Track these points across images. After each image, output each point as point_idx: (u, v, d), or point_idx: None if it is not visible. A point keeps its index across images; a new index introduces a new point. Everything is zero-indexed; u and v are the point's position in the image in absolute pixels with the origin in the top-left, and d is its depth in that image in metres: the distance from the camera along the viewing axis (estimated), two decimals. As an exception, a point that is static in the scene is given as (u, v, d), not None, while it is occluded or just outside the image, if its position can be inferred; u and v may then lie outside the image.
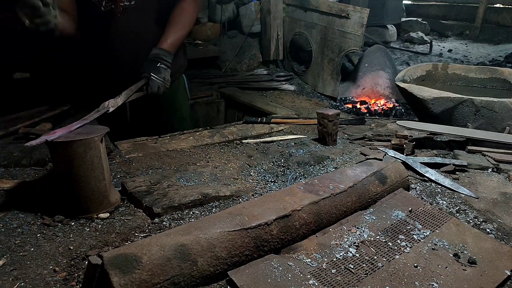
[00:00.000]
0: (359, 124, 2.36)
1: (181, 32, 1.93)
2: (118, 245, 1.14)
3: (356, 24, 3.37)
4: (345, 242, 1.13)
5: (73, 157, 1.20)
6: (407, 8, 7.57)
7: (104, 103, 1.52)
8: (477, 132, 1.93)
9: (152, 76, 1.76)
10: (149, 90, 1.75)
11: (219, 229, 1.00)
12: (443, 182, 1.54)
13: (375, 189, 1.33)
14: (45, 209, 1.29)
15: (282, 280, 0.96)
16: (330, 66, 3.69)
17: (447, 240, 1.17)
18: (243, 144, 2.00)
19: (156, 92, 1.78)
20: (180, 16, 1.91)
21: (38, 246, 1.13)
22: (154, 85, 1.76)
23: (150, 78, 1.76)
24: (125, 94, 1.64)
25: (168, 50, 1.87)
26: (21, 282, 0.99)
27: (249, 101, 3.29)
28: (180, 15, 1.91)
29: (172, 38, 1.88)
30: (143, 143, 1.98)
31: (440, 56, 5.24)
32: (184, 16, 1.93)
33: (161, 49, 1.84)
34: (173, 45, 1.89)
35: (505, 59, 5.06)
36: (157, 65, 1.78)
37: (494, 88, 2.67)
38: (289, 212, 1.10)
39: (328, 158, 1.75)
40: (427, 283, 1.00)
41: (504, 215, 1.34)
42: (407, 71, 2.66)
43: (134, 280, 0.85)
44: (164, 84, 1.81)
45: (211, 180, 1.53)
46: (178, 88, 2.24)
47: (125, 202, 1.39)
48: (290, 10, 4.15)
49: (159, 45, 1.87)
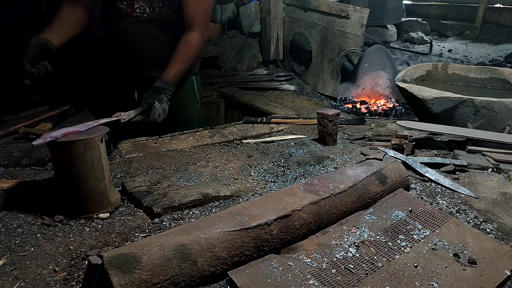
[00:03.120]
0: (359, 124, 2.36)
1: (184, 66, 2.10)
2: (118, 245, 1.14)
3: (356, 24, 3.37)
4: (345, 242, 1.13)
5: (73, 157, 1.20)
6: (407, 8, 7.57)
7: (117, 113, 1.67)
8: (477, 132, 1.93)
9: (155, 104, 1.90)
10: (151, 115, 1.90)
11: (219, 229, 1.00)
12: (443, 182, 1.54)
13: (375, 189, 1.33)
14: (45, 209, 1.29)
15: (282, 280, 0.96)
16: (330, 66, 3.69)
17: (447, 240, 1.17)
18: (243, 144, 2.00)
19: (156, 119, 1.92)
20: (184, 51, 2.07)
21: (38, 246, 1.13)
22: (156, 112, 1.90)
23: (153, 106, 1.90)
24: (134, 112, 1.79)
25: (171, 84, 2.03)
26: (21, 282, 0.99)
27: (249, 101, 3.29)
28: (184, 49, 2.07)
29: (174, 72, 2.04)
30: (143, 143, 1.98)
31: (440, 56, 5.24)
32: (188, 51, 2.09)
33: (164, 82, 2.00)
34: (175, 79, 2.05)
35: (505, 59, 5.06)
36: (160, 96, 1.94)
37: (494, 88, 2.67)
38: (289, 212, 1.10)
39: (328, 158, 1.75)
40: (427, 283, 1.00)
41: (504, 215, 1.34)
42: (407, 71, 2.66)
43: (134, 280, 0.85)
44: (163, 114, 1.95)
45: (211, 180, 1.53)
46: (185, 89, 2.28)
47: (125, 202, 1.39)
48: (290, 10, 4.15)
49: (163, 77, 2.02)
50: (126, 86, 2.24)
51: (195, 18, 2.06)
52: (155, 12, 2.06)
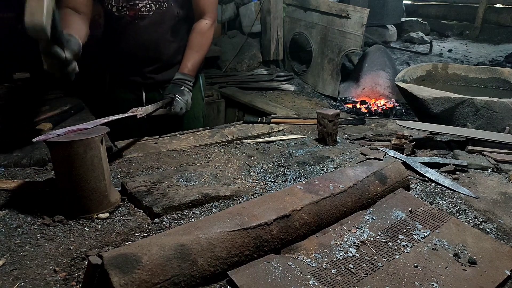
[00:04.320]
0: (359, 124, 2.36)
1: (200, 56, 2.08)
2: (118, 245, 1.14)
3: (356, 24, 3.37)
4: (345, 242, 1.13)
5: (73, 157, 1.20)
6: (407, 8, 7.57)
7: (133, 108, 1.65)
8: (477, 132, 1.93)
9: (177, 97, 1.89)
10: (173, 109, 1.89)
11: (219, 229, 1.00)
12: (443, 182, 1.54)
13: (375, 189, 1.33)
14: (45, 209, 1.29)
15: (282, 280, 0.96)
16: (330, 66, 3.69)
17: (447, 240, 1.17)
18: (243, 144, 2.00)
19: (178, 112, 1.91)
20: (200, 39, 2.05)
21: (38, 246, 1.13)
22: (178, 106, 1.90)
23: (174, 99, 1.89)
24: (152, 106, 1.76)
25: (190, 75, 2.01)
26: (21, 282, 0.99)
27: (249, 101, 3.29)
28: (199, 38, 2.05)
29: (192, 62, 2.02)
30: (143, 143, 1.98)
31: (440, 56, 5.24)
32: (202, 39, 2.07)
33: (184, 74, 1.98)
34: (193, 69, 2.03)
35: (505, 59, 5.06)
36: (181, 88, 1.93)
37: (494, 88, 2.67)
38: (289, 212, 1.10)
39: (328, 158, 1.75)
40: (427, 283, 1.00)
41: (504, 215, 1.34)
42: (407, 71, 2.66)
43: (134, 280, 0.85)
44: (186, 106, 1.95)
45: (211, 180, 1.53)
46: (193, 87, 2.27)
47: (125, 202, 1.39)
48: (290, 10, 4.15)
49: (181, 70, 2.01)
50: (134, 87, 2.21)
51: (207, 4, 2.03)
52: (163, 8, 2.01)
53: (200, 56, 2.08)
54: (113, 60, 2.23)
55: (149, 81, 2.18)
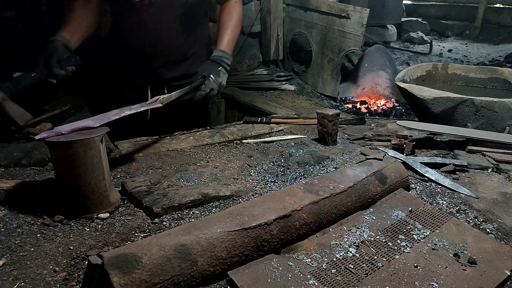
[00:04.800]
0: (359, 124, 2.36)
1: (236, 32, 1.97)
2: (118, 245, 1.14)
3: (356, 24, 3.37)
4: (345, 242, 1.13)
5: (73, 157, 1.20)
6: (407, 8, 7.57)
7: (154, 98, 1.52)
8: (477, 132, 1.93)
9: (211, 77, 1.72)
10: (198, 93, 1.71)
11: (219, 229, 1.00)
12: (443, 182, 1.54)
13: (375, 189, 1.33)
14: (45, 209, 1.29)
15: (282, 280, 0.96)
16: (330, 66, 3.69)
17: (447, 240, 1.17)
18: (243, 144, 2.00)
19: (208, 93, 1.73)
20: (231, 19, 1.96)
21: (38, 246, 1.13)
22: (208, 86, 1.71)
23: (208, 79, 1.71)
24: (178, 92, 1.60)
25: (228, 53, 1.86)
26: (21, 282, 0.99)
27: (249, 101, 3.29)
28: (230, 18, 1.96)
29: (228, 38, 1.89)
30: (143, 143, 1.98)
31: (440, 56, 5.24)
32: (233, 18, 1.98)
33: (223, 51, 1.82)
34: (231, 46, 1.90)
35: (505, 59, 5.06)
36: (218, 68, 1.77)
37: (494, 88, 2.67)
38: (289, 212, 1.10)
39: (328, 158, 1.75)
40: (427, 283, 1.00)
41: (504, 215, 1.34)
42: (407, 71, 2.66)
43: (134, 280, 0.85)
44: (218, 89, 1.77)
45: (211, 180, 1.53)
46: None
47: (125, 202, 1.39)
48: (290, 10, 4.15)
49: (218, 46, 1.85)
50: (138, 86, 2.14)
51: None
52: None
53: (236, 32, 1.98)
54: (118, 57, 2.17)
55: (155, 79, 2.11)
